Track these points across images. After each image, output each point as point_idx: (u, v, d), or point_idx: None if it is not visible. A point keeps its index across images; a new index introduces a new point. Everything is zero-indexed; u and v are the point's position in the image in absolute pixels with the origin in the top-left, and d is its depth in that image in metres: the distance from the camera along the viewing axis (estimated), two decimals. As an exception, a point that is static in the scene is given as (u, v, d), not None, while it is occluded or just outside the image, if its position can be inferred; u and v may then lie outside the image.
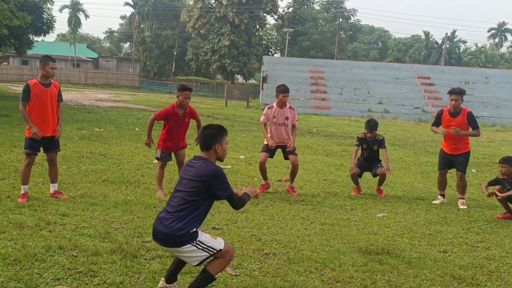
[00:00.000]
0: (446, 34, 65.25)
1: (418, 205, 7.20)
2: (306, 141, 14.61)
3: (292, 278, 4.08)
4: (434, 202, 7.39)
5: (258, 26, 60.19)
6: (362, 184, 7.98)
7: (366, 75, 36.93)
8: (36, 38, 34.38)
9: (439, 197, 7.50)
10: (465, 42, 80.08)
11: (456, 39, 77.55)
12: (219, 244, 3.46)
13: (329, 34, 66.54)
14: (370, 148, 7.71)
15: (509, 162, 6.66)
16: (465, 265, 4.68)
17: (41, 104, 5.83)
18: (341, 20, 65.91)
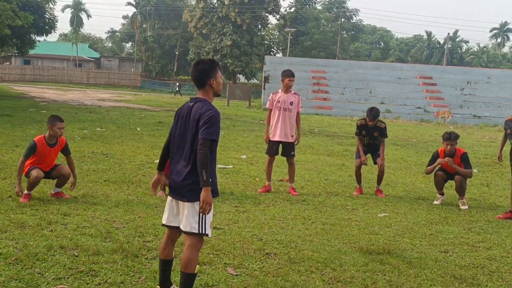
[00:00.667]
0: (448, 34, 65.20)
1: (420, 205, 7.20)
2: (307, 141, 14.60)
3: (293, 278, 4.09)
4: (435, 202, 7.38)
5: (260, 26, 60.30)
6: (363, 184, 7.97)
7: (368, 75, 36.94)
8: (38, 38, 34.57)
9: (439, 196, 7.49)
10: (467, 42, 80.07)
11: (458, 39, 77.46)
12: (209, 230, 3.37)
13: (331, 34, 66.59)
14: (370, 134, 7.75)
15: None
16: (466, 265, 4.68)
17: (41, 158, 6.03)
18: (343, 20, 65.96)
